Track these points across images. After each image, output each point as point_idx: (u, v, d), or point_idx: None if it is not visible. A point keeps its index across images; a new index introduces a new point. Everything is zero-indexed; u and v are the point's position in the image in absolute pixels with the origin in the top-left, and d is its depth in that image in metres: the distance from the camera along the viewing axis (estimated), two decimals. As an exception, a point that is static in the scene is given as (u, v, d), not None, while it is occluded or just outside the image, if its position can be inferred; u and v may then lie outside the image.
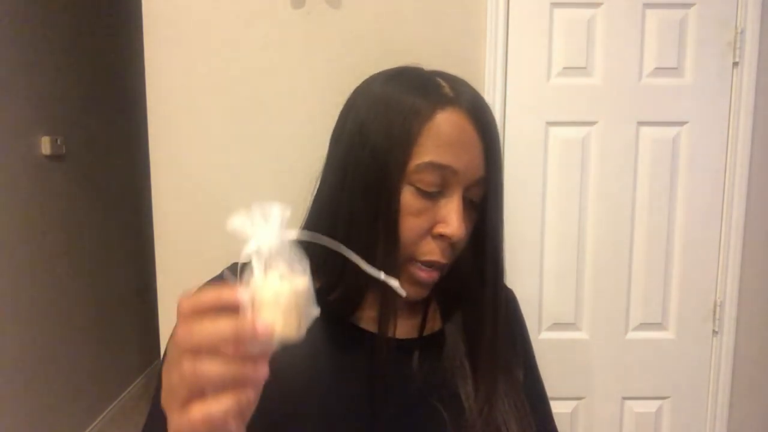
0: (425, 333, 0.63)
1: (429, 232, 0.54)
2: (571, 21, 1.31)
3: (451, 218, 0.53)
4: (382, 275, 0.42)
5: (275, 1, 1.28)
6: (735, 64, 1.32)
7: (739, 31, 1.31)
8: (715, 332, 1.39)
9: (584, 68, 1.32)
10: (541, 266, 1.37)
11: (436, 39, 1.30)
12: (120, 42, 2.79)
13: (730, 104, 1.33)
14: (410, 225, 0.53)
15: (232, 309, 0.35)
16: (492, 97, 1.31)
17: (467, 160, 0.53)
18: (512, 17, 1.31)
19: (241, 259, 0.37)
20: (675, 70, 1.32)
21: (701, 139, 1.34)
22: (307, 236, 0.39)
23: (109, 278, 2.74)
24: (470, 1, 1.30)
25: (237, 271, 0.37)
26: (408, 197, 0.53)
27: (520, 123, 1.33)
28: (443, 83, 0.56)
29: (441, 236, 0.54)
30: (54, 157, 2.22)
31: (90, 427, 2.53)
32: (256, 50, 1.30)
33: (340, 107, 0.61)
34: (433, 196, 0.53)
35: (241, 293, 0.36)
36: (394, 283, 0.42)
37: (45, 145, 2.15)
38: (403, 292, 0.43)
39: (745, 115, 1.32)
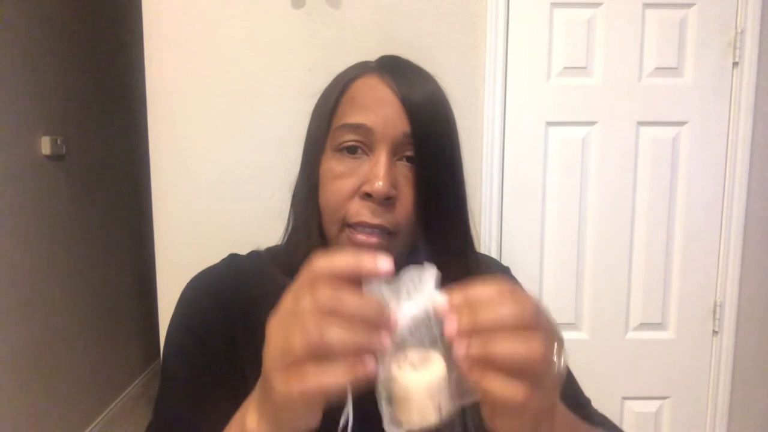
0: None
1: (356, 193, 0.54)
2: (571, 21, 1.32)
3: (373, 174, 0.53)
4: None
5: (275, 1, 1.28)
6: (735, 64, 1.32)
7: (739, 31, 1.31)
8: (715, 332, 1.39)
9: (584, 68, 1.32)
10: (541, 266, 1.37)
11: (436, 39, 1.30)
12: (120, 42, 2.78)
13: (730, 104, 1.33)
14: (334, 188, 0.55)
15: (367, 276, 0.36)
16: (492, 97, 1.32)
17: (382, 117, 0.54)
18: (512, 17, 1.31)
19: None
20: (675, 70, 1.32)
21: (701, 139, 1.34)
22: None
23: (109, 278, 2.74)
24: (470, 1, 1.30)
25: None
26: (331, 162, 0.56)
27: (520, 123, 1.33)
28: (374, 61, 0.60)
29: (368, 195, 0.53)
30: (54, 157, 2.22)
31: (90, 427, 2.52)
32: (256, 50, 1.30)
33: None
34: (358, 157, 0.55)
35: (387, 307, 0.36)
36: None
37: (45, 145, 2.15)
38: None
39: (745, 115, 1.33)
